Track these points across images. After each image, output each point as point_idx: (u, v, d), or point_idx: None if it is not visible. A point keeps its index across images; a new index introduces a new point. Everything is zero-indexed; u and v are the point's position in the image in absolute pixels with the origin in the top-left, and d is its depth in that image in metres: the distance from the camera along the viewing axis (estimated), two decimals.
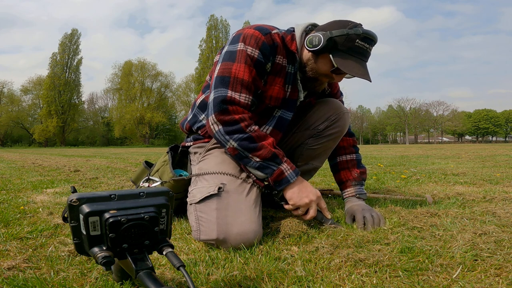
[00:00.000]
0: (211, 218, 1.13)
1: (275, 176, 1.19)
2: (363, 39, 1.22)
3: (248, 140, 1.17)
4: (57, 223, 1.39)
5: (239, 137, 1.17)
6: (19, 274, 0.86)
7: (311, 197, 1.21)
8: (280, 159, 1.20)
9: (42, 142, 47.14)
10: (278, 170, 1.19)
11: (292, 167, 1.22)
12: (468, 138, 75.35)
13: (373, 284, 0.80)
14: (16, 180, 3.06)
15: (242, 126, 1.18)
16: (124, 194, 0.69)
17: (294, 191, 1.21)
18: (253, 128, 1.20)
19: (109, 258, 0.65)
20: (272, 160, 1.19)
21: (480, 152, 8.79)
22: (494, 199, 1.78)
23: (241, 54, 1.23)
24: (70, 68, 47.90)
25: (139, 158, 7.23)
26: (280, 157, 1.20)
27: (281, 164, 1.20)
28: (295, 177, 1.22)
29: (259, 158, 1.18)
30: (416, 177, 2.90)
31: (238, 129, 1.18)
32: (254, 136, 1.18)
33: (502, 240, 1.07)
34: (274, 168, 1.19)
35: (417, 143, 66.36)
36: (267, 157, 1.18)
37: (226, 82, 1.21)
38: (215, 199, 1.16)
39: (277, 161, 1.19)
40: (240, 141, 1.17)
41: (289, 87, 1.34)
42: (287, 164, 1.21)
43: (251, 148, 1.18)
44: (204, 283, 0.82)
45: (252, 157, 1.18)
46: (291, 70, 1.33)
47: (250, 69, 1.22)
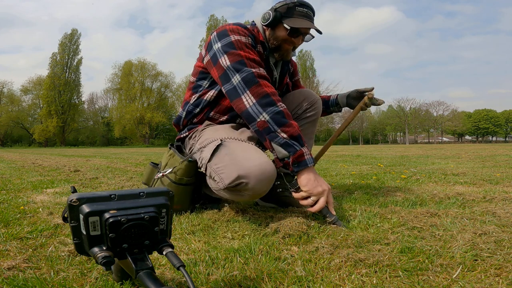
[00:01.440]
0: (226, 162, 1.23)
1: (297, 156, 1.23)
2: (300, 5, 1.49)
3: (280, 115, 1.24)
4: (57, 223, 1.39)
5: (272, 110, 1.24)
6: (19, 274, 0.86)
7: (325, 187, 1.26)
8: (303, 142, 1.26)
9: (42, 142, 47.13)
10: (300, 151, 1.23)
11: (311, 153, 1.29)
12: (468, 138, 75.35)
13: (373, 284, 0.80)
14: (16, 180, 3.06)
15: (275, 100, 1.26)
16: (124, 194, 0.70)
17: (310, 177, 1.25)
18: (283, 105, 1.27)
19: (109, 258, 0.65)
20: (297, 140, 1.24)
21: (480, 152, 8.79)
22: (494, 199, 1.78)
23: (239, 42, 1.39)
24: (70, 68, 47.91)
25: (139, 158, 7.24)
26: (303, 139, 1.26)
27: (303, 146, 1.25)
28: (312, 163, 1.26)
29: (286, 134, 1.23)
30: (416, 177, 2.90)
31: (271, 102, 1.25)
32: (285, 111, 1.25)
33: (502, 240, 1.07)
34: (297, 148, 1.23)
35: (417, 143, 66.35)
36: (294, 135, 1.23)
37: (243, 63, 1.32)
38: (222, 148, 1.28)
39: (301, 142, 1.24)
40: (273, 114, 1.24)
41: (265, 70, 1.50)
42: (307, 149, 1.27)
43: (282, 123, 1.23)
44: (204, 283, 0.82)
45: (280, 132, 1.23)
46: (266, 54, 1.56)
47: (253, 51, 1.41)
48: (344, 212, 1.50)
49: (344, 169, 4.03)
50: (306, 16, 1.50)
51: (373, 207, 1.60)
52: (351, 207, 1.63)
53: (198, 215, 1.52)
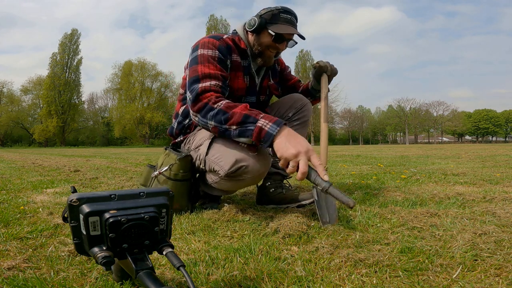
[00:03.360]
0: (223, 151, 1.39)
1: (256, 135, 1.21)
2: (284, 12, 1.54)
3: (220, 114, 1.28)
4: (57, 223, 1.39)
5: (212, 115, 1.30)
6: (19, 274, 0.86)
7: (299, 148, 1.14)
8: (253, 118, 1.22)
9: (42, 142, 47.13)
10: (256, 128, 1.21)
11: (272, 119, 1.21)
12: (468, 138, 75.34)
13: (373, 284, 0.80)
14: (16, 180, 3.06)
15: (210, 104, 1.32)
16: (124, 194, 0.70)
17: (280, 141, 1.18)
18: (221, 103, 1.31)
19: (109, 258, 0.65)
20: (245, 122, 1.23)
21: (480, 152, 8.79)
22: (494, 199, 1.78)
23: (203, 57, 1.47)
24: (70, 68, 47.89)
25: (139, 158, 7.24)
26: (253, 115, 1.23)
27: (257, 121, 1.21)
28: (277, 128, 1.19)
29: (234, 125, 1.25)
30: (416, 177, 2.90)
31: (209, 108, 1.32)
32: (223, 108, 1.29)
33: (502, 240, 1.07)
34: (252, 128, 1.21)
35: (417, 143, 66.35)
36: (239, 121, 1.24)
37: (196, 80, 1.41)
38: (218, 140, 1.43)
39: (251, 121, 1.22)
40: (214, 118, 1.29)
41: (247, 77, 1.63)
42: (264, 119, 1.22)
43: (225, 120, 1.27)
44: (204, 283, 0.82)
45: (229, 127, 1.27)
46: (245, 64, 1.62)
47: (214, 64, 1.46)
48: (344, 212, 1.50)
49: (344, 169, 4.03)
50: (290, 23, 1.54)
51: (373, 207, 1.60)
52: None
53: (198, 215, 1.52)
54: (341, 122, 66.73)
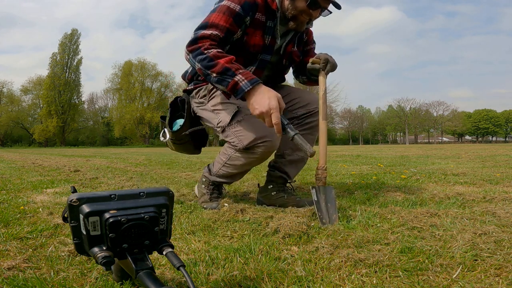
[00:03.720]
0: (245, 127, 1.54)
1: (230, 87, 1.38)
2: None
3: (206, 60, 1.40)
4: (57, 223, 1.39)
5: (200, 58, 1.42)
6: (19, 274, 0.86)
7: (262, 109, 1.32)
8: (233, 72, 1.37)
9: (42, 142, 47.13)
10: (232, 81, 1.37)
11: (249, 77, 1.37)
12: (468, 138, 75.33)
13: (373, 284, 0.80)
14: (16, 180, 3.06)
15: (202, 49, 1.43)
16: (124, 194, 0.70)
17: (251, 101, 1.37)
18: (211, 51, 1.42)
19: (109, 258, 0.65)
20: (225, 74, 1.38)
21: (480, 152, 8.79)
22: (494, 199, 1.78)
23: (223, 7, 1.52)
24: (70, 68, 47.91)
25: (139, 158, 7.23)
26: (233, 70, 1.37)
27: (235, 76, 1.37)
28: (250, 86, 1.35)
29: (215, 73, 1.39)
30: (416, 177, 2.90)
31: (199, 52, 1.43)
32: (210, 55, 1.40)
33: (502, 240, 1.07)
34: (229, 80, 1.37)
35: (417, 143, 66.34)
36: (220, 71, 1.38)
37: (203, 27, 1.50)
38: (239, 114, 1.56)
39: (229, 74, 1.37)
40: (201, 62, 1.42)
41: (268, 37, 1.64)
42: (241, 76, 1.37)
43: (209, 66, 1.40)
44: (204, 283, 0.82)
45: (211, 73, 1.40)
46: (270, 24, 1.63)
47: (226, 17, 1.50)
48: (344, 212, 1.50)
49: (344, 169, 4.03)
50: None
51: (373, 207, 1.60)
52: (351, 207, 1.63)
53: (198, 215, 1.52)
54: (341, 122, 66.79)
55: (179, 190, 2.32)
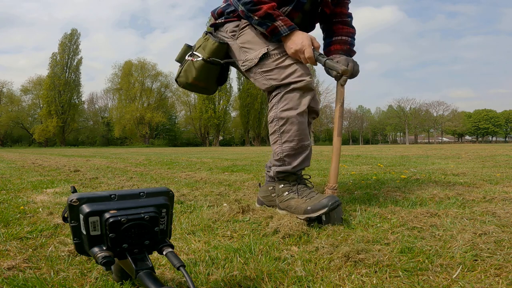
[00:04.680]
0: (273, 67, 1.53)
1: (270, 30, 1.52)
2: None
3: (250, 4, 1.51)
4: (57, 223, 1.39)
5: (244, 1, 1.52)
6: (19, 274, 0.86)
7: (297, 46, 1.49)
8: (274, 18, 1.50)
9: (42, 142, 47.12)
10: (272, 26, 1.51)
11: (288, 24, 1.51)
12: (468, 138, 75.31)
13: (373, 284, 0.80)
14: (16, 180, 3.06)
15: None
16: (124, 194, 0.70)
17: (287, 43, 1.52)
18: None
19: (109, 258, 0.65)
20: (267, 18, 1.50)
21: (480, 152, 8.79)
22: (494, 199, 1.78)
23: None
24: (70, 68, 47.89)
25: (139, 158, 7.23)
26: (274, 16, 1.50)
27: (275, 21, 1.50)
28: (287, 31, 1.51)
29: (257, 17, 1.51)
30: (416, 177, 2.90)
31: None
32: (255, 0, 1.50)
33: (502, 240, 1.07)
34: (269, 24, 1.51)
35: (417, 143, 66.33)
36: (262, 15, 1.50)
37: None
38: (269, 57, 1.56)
39: (271, 19, 1.50)
40: (245, 5, 1.53)
41: None
42: (281, 22, 1.51)
43: (252, 10, 1.52)
44: (204, 283, 0.82)
45: (253, 16, 1.52)
46: None
47: None
48: (344, 212, 1.50)
49: (344, 169, 4.03)
50: None
51: (373, 207, 1.60)
52: (351, 207, 1.63)
53: (198, 215, 1.52)
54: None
55: (179, 190, 2.32)
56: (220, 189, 2.38)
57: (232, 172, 3.78)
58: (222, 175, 3.42)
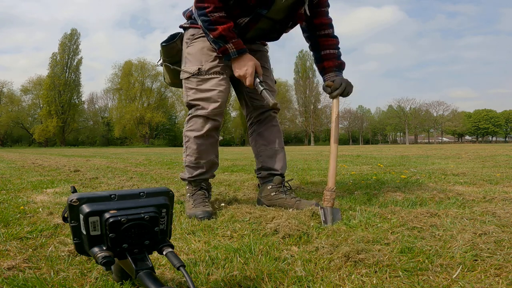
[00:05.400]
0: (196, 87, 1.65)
1: (221, 51, 1.61)
2: None
3: (207, 22, 1.57)
4: (57, 223, 1.39)
5: (203, 19, 1.58)
6: (19, 274, 0.86)
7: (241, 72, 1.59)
8: (227, 40, 1.58)
9: (42, 142, 47.12)
10: (224, 47, 1.59)
11: (238, 47, 1.59)
12: (468, 138, 75.29)
13: (373, 284, 0.80)
14: (16, 180, 3.06)
15: (206, 11, 1.56)
16: (124, 194, 0.70)
17: (234, 65, 1.62)
18: (214, 15, 1.56)
19: (109, 258, 0.65)
20: (220, 39, 1.58)
21: (480, 152, 8.78)
22: (494, 199, 1.78)
23: None
24: (70, 68, 47.89)
25: (139, 158, 7.23)
26: (227, 38, 1.57)
27: (227, 43, 1.58)
28: (236, 55, 1.60)
29: (212, 36, 1.59)
30: (416, 177, 2.90)
31: (203, 13, 1.57)
32: (212, 20, 1.56)
33: (502, 240, 1.07)
34: (221, 45, 1.59)
35: (417, 143, 66.31)
36: (217, 36, 1.58)
37: None
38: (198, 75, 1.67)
39: (224, 40, 1.57)
40: (203, 22, 1.59)
41: None
42: (232, 45, 1.58)
43: (209, 29, 1.58)
44: (204, 283, 0.82)
45: (209, 34, 1.59)
46: None
47: None
48: (344, 212, 1.50)
49: (344, 169, 4.03)
50: None
51: (373, 207, 1.61)
52: (351, 207, 1.63)
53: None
54: (341, 122, 66.52)
55: (179, 190, 2.32)
56: (220, 189, 2.38)
57: (232, 172, 3.78)
58: (222, 175, 3.42)
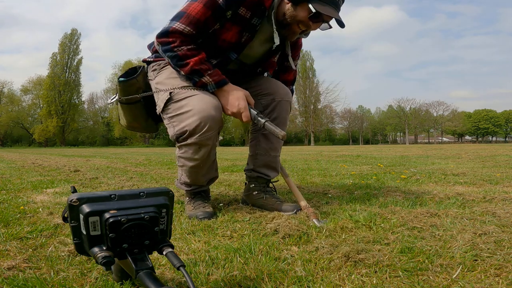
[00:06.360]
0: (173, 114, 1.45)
1: (199, 86, 1.46)
2: None
3: (176, 58, 1.44)
4: (57, 223, 1.39)
5: (170, 55, 1.45)
6: (19, 274, 0.86)
7: (234, 109, 1.44)
8: (201, 73, 1.43)
9: (42, 142, 47.13)
10: (200, 82, 1.45)
11: (216, 79, 1.44)
12: (468, 138, 75.29)
13: (373, 284, 0.80)
14: (16, 180, 3.06)
15: (171, 46, 1.43)
16: (124, 194, 0.70)
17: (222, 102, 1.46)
18: (181, 48, 1.42)
19: (109, 258, 0.65)
20: (194, 74, 1.44)
21: (480, 152, 8.78)
22: (494, 199, 1.78)
23: None
24: (70, 68, 47.90)
25: (139, 158, 7.23)
26: (201, 71, 1.43)
27: (203, 77, 1.44)
28: (215, 88, 1.45)
29: (184, 72, 1.45)
30: (416, 177, 2.90)
31: (169, 49, 1.43)
32: (180, 55, 1.42)
33: (502, 240, 1.07)
34: (197, 80, 1.45)
35: (417, 143, 66.32)
36: (189, 72, 1.44)
37: (178, 17, 1.44)
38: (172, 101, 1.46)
39: (198, 75, 1.43)
40: (171, 58, 1.45)
41: (247, 34, 1.53)
42: (209, 77, 1.44)
43: (178, 65, 1.45)
44: (204, 283, 0.82)
45: (180, 70, 1.46)
46: (255, 22, 1.51)
47: (205, 10, 1.42)
48: (344, 212, 1.50)
49: (344, 169, 4.03)
50: (335, 5, 1.42)
51: (373, 207, 1.61)
52: (351, 207, 1.63)
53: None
54: (341, 122, 66.74)
55: (179, 190, 2.32)
56: (220, 189, 2.38)
57: (232, 172, 3.78)
58: (222, 175, 3.42)
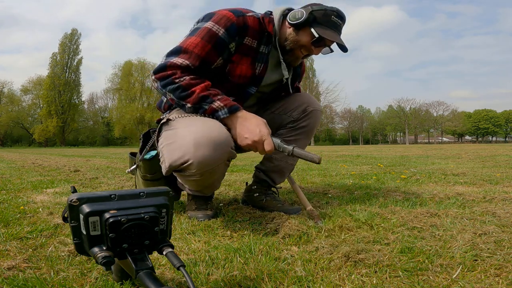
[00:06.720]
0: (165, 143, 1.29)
1: (208, 113, 1.30)
2: (337, 16, 1.40)
3: (179, 90, 1.28)
4: (57, 223, 1.39)
5: (171, 88, 1.29)
6: (19, 274, 0.86)
7: (255, 137, 1.24)
8: (211, 99, 1.28)
9: (42, 142, 47.12)
10: (210, 108, 1.28)
11: (228, 104, 1.28)
12: (468, 138, 75.27)
13: (373, 284, 0.80)
14: (16, 180, 3.06)
15: (172, 78, 1.28)
16: (124, 194, 0.70)
17: (237, 131, 1.28)
18: (183, 79, 1.28)
19: (109, 258, 0.65)
20: (201, 102, 1.28)
21: (480, 152, 8.78)
22: (494, 199, 1.78)
23: (203, 30, 1.34)
24: (70, 68, 47.90)
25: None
26: (211, 97, 1.28)
27: (213, 102, 1.28)
28: (227, 114, 1.29)
29: (190, 103, 1.28)
30: (416, 177, 2.90)
31: (169, 82, 1.29)
32: (183, 84, 1.27)
33: (502, 240, 1.07)
34: (206, 107, 1.29)
35: (417, 143, 66.32)
36: (196, 101, 1.28)
37: (175, 52, 1.33)
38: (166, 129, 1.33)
39: (207, 101, 1.28)
40: (173, 92, 1.29)
41: (260, 65, 1.46)
42: (220, 102, 1.28)
43: (183, 96, 1.28)
44: (204, 283, 0.82)
45: (185, 103, 1.29)
46: (264, 50, 1.45)
47: (204, 43, 1.32)
48: (344, 212, 1.50)
49: (344, 169, 4.03)
50: (337, 29, 1.41)
51: (373, 207, 1.61)
52: (351, 207, 1.63)
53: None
54: (341, 122, 66.71)
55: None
56: (220, 189, 2.38)
57: (232, 172, 3.78)
58: None
